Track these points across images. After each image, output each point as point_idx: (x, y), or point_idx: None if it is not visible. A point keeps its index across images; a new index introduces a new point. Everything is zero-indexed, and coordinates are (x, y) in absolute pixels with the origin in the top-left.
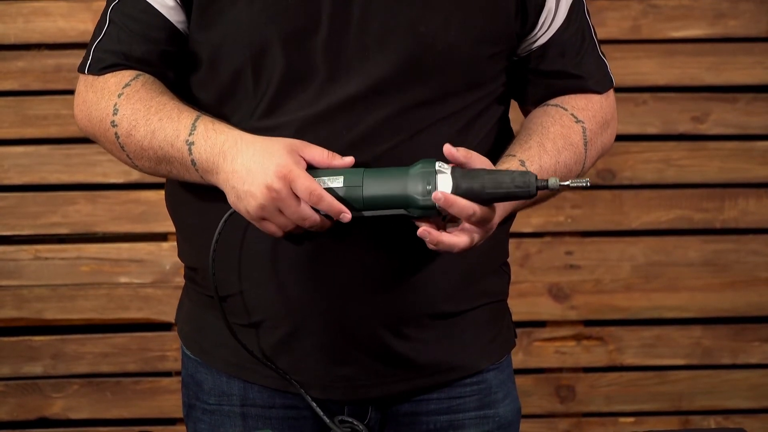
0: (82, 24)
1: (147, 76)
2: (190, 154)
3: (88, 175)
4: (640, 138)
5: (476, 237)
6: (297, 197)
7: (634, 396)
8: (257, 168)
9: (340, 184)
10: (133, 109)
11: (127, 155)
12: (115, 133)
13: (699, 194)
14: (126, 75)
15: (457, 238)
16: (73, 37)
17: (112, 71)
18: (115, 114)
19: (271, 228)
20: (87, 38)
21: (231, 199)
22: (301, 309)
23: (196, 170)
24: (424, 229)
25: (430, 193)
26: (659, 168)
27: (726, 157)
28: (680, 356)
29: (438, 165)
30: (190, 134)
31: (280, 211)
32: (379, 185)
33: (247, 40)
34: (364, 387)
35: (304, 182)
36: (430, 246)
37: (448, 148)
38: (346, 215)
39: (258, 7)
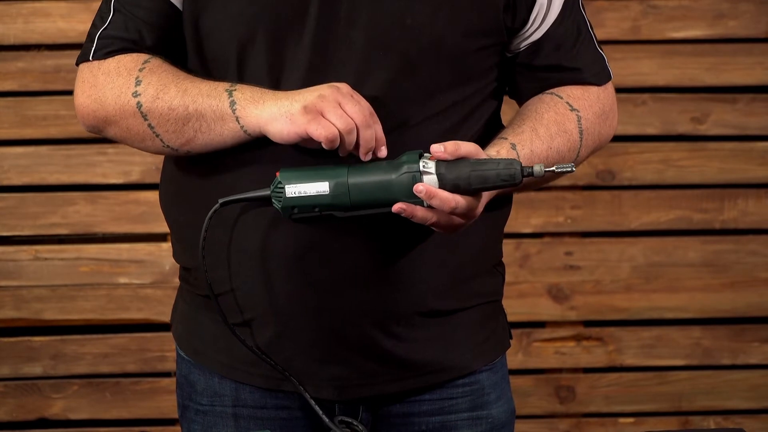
0: (81, 24)
1: (162, 58)
2: (230, 96)
3: (87, 176)
4: (639, 138)
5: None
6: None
7: (634, 396)
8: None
9: (326, 190)
10: (161, 76)
11: (149, 124)
12: (138, 103)
13: (699, 195)
14: (142, 55)
15: (429, 213)
16: (73, 38)
17: (122, 54)
18: (137, 85)
19: (320, 130)
20: None
21: (284, 104)
22: (290, 307)
23: (233, 111)
24: (400, 206)
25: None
26: (659, 168)
27: (726, 158)
28: (680, 357)
29: (422, 164)
30: (230, 85)
31: (339, 105)
32: (365, 190)
33: (234, 32)
34: (355, 386)
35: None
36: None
37: (435, 149)
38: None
39: None
